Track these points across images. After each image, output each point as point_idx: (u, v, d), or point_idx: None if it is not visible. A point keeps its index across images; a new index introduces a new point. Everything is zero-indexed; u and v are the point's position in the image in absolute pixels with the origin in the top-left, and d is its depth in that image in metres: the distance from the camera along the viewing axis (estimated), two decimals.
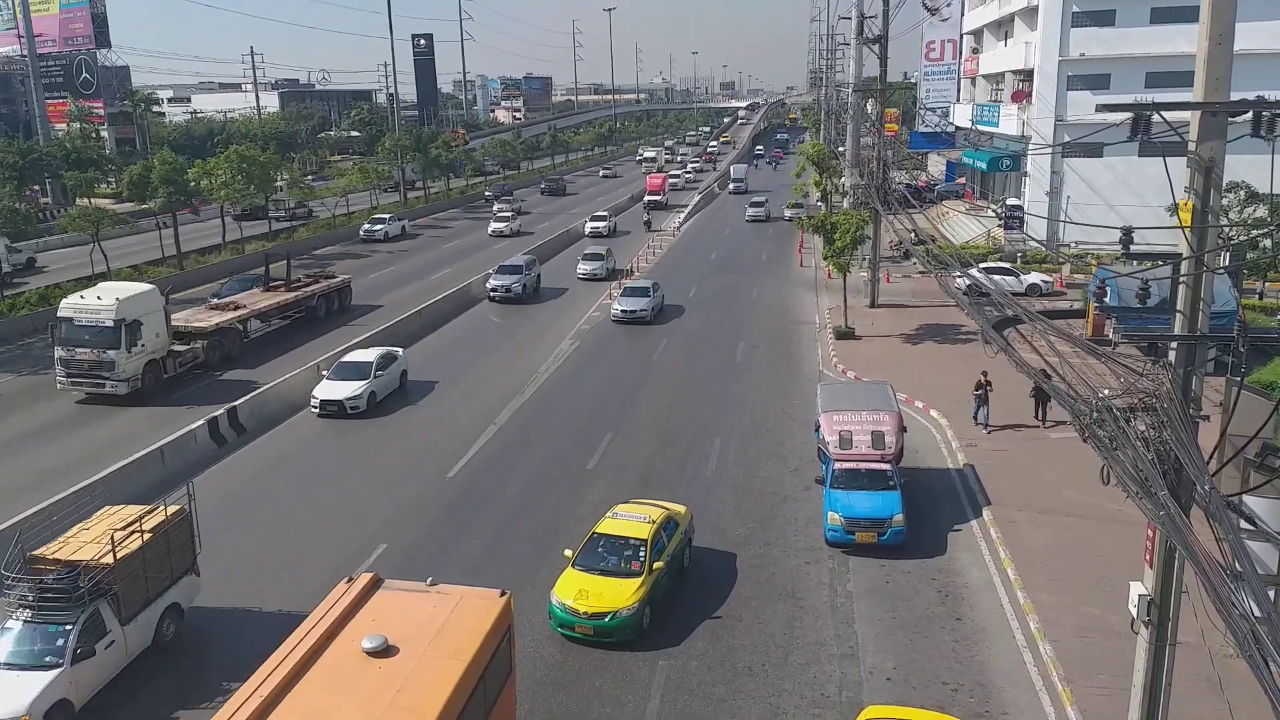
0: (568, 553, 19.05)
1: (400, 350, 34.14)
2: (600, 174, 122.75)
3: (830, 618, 18.37)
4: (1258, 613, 7.98)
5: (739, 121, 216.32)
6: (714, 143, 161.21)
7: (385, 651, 12.53)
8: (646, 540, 18.69)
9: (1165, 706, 13.01)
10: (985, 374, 27.49)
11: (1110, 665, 15.87)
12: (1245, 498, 14.54)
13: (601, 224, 69.30)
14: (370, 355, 31.84)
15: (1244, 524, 12.32)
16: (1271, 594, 14.82)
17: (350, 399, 29.99)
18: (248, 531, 22.29)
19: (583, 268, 52.99)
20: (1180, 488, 11.12)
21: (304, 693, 11.89)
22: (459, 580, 19.65)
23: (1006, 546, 20.71)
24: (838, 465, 22.23)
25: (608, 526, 19.43)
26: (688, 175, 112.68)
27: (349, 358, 31.97)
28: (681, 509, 20.91)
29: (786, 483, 24.67)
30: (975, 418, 28.09)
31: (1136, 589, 12.77)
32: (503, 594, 14.29)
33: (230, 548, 21.46)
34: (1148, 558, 12.73)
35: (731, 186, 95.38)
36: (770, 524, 22.38)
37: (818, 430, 24.09)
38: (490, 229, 69.46)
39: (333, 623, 13.20)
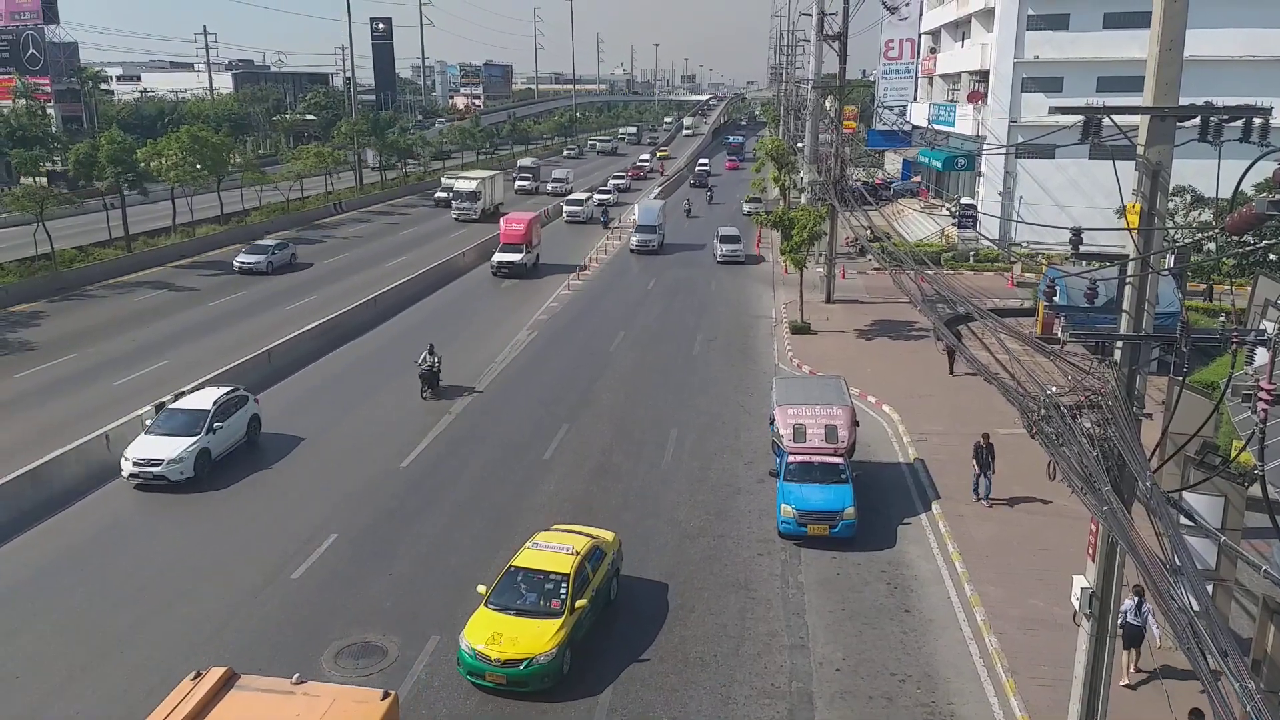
0: (481, 589, 17.17)
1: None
2: (246, 260, 50.60)
3: (781, 609, 18.53)
4: (1195, 606, 8.19)
5: (684, 133, 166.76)
6: (647, 156, 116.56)
7: None
8: (569, 575, 16.88)
9: (1105, 696, 13.31)
10: (986, 436, 22.94)
11: (1053, 656, 16.20)
12: (1185, 494, 14.89)
13: (156, 462, 23.12)
14: None
15: (1183, 520, 12.61)
16: (1209, 589, 15.23)
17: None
18: (191, 522, 21.92)
19: None
20: (1123, 484, 11.38)
21: None
22: (408, 571, 19.66)
23: (954, 540, 21.04)
24: (791, 458, 22.41)
25: (526, 559, 17.49)
26: (603, 196, 75.64)
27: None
28: (609, 536, 19.15)
29: (741, 475, 24.81)
30: (976, 491, 22.98)
31: (1079, 582, 13.04)
32: (385, 695, 11.70)
33: (169, 540, 21.11)
34: (1090, 552, 13.00)
35: (635, 242, 57.36)
36: (724, 516, 22.51)
37: (772, 424, 24.26)
38: None
39: None
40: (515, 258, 50.74)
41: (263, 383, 31.46)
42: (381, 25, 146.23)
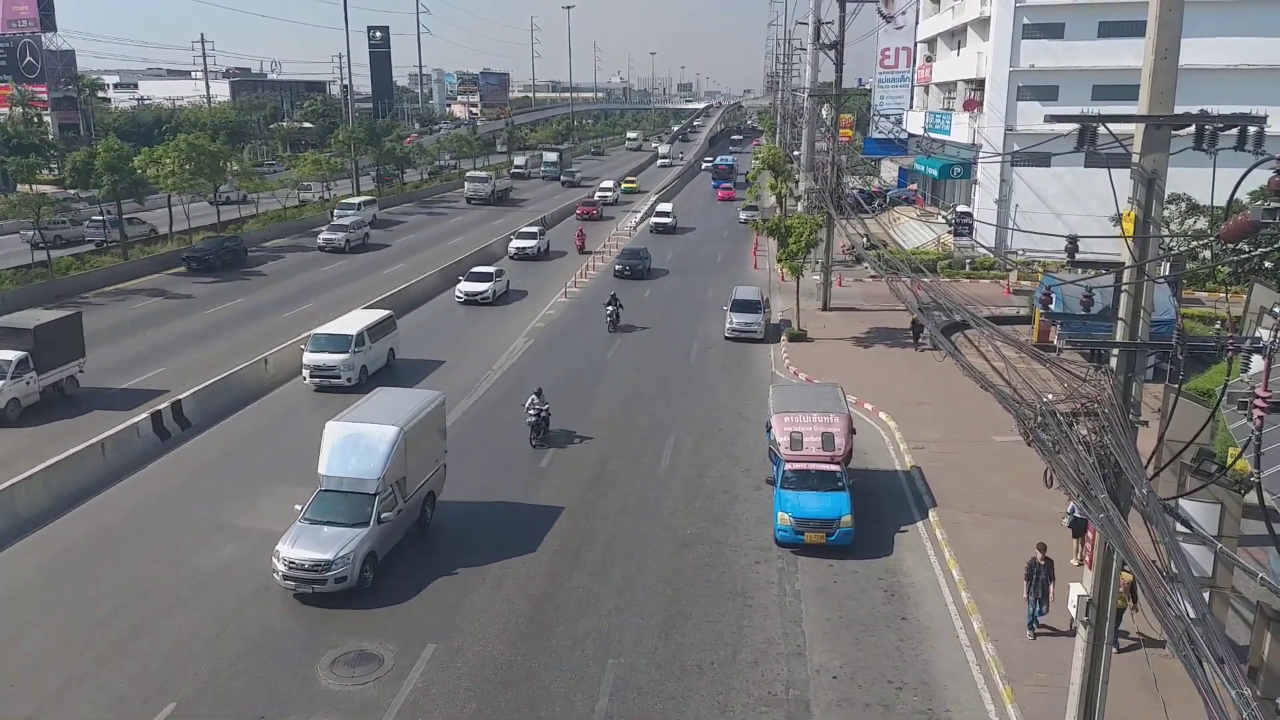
0: None
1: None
2: None
3: (779, 617, 18.51)
4: (1192, 614, 8.20)
5: (658, 163, 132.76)
6: (609, 183, 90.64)
7: None
8: None
9: (1102, 704, 13.32)
10: (1043, 548, 17.96)
11: (1050, 664, 16.19)
12: (1181, 501, 14.93)
13: None
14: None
15: (1180, 527, 12.65)
16: (1205, 596, 15.25)
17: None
18: (187, 529, 21.87)
19: None
20: (1119, 491, 11.40)
21: None
22: (404, 578, 19.57)
23: (951, 547, 21.04)
24: (788, 466, 22.41)
25: None
26: (477, 287, 45.51)
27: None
28: None
29: (738, 482, 24.81)
30: (1033, 623, 17.72)
31: (1076, 590, 13.05)
32: None
33: (165, 546, 21.07)
34: (1087, 559, 13.02)
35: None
36: (721, 523, 22.50)
37: (769, 431, 24.27)
38: None
39: None
40: None
41: (259, 390, 31.45)
42: (379, 34, 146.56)
